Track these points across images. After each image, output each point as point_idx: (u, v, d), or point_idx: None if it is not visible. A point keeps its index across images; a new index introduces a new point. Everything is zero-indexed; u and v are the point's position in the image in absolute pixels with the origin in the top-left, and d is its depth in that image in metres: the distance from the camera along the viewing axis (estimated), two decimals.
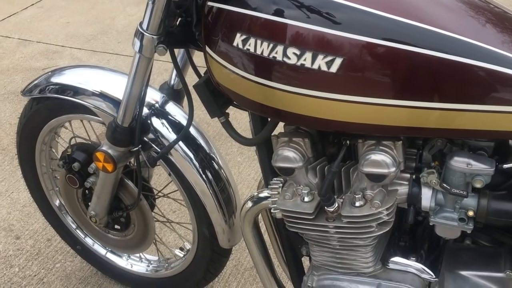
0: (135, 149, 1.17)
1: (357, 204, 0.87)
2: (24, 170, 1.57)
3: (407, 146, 0.90)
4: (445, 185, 0.84)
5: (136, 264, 1.58)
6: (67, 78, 1.31)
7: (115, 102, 1.22)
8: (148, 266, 1.57)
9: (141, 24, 1.00)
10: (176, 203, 1.86)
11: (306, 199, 0.91)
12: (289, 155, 0.90)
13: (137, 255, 1.59)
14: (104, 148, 1.19)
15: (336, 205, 0.89)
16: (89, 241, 1.62)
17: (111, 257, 1.61)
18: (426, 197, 0.87)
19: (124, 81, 1.20)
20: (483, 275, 0.93)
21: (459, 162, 0.83)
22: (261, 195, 1.02)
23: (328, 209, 0.89)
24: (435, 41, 0.75)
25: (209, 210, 1.26)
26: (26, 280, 1.68)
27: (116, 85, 1.25)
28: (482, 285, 0.93)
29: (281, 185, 0.96)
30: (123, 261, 1.59)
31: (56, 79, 1.32)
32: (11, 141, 2.33)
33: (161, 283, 1.53)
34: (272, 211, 0.97)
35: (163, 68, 2.78)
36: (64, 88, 1.29)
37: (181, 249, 1.50)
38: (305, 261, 1.11)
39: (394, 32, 0.75)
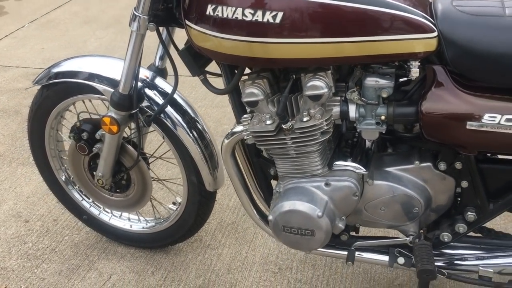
0: (134, 111, 1.49)
1: (305, 119, 1.22)
2: (35, 153, 1.85)
3: (338, 80, 1.26)
4: (363, 98, 1.21)
5: (135, 224, 1.88)
6: (70, 65, 1.63)
7: (112, 80, 1.54)
8: (146, 224, 1.87)
9: (135, 9, 1.33)
10: (173, 182, 2.18)
11: (268, 122, 1.26)
12: (253, 91, 1.25)
13: (136, 217, 1.90)
14: (109, 113, 1.50)
15: (290, 123, 1.24)
16: (94, 210, 1.91)
17: (114, 221, 1.91)
18: (352, 111, 1.24)
19: (115, 63, 1.56)
20: (400, 167, 1.30)
21: (370, 81, 1.19)
22: (234, 130, 1.36)
23: (284, 126, 1.24)
24: None
25: (196, 159, 1.58)
26: (40, 251, 1.94)
27: (111, 67, 1.58)
28: (399, 174, 1.30)
29: (249, 118, 1.31)
30: (124, 223, 1.89)
31: (61, 68, 1.63)
32: (6, 149, 2.59)
33: (159, 235, 1.83)
34: (245, 137, 1.31)
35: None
36: (70, 74, 1.61)
37: (174, 203, 1.81)
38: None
39: None
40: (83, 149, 1.63)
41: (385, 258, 1.40)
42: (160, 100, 1.54)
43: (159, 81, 1.59)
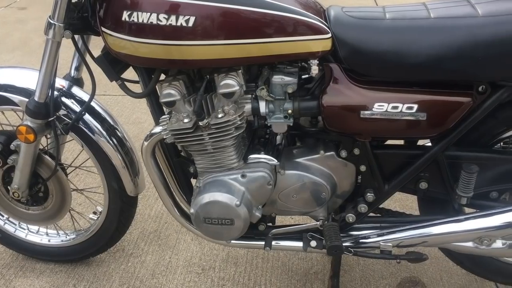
0: (51, 119, 1.51)
1: (220, 115, 1.33)
2: None
3: (248, 81, 1.38)
4: (271, 95, 1.34)
5: (54, 238, 1.86)
6: None
7: (27, 90, 1.56)
8: (66, 236, 1.85)
9: (50, 17, 1.37)
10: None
11: (186, 120, 1.34)
12: (170, 92, 1.33)
13: (54, 231, 1.87)
14: (25, 122, 1.51)
15: (206, 120, 1.33)
16: (8, 228, 1.86)
17: (31, 237, 1.87)
18: (262, 107, 1.36)
19: (28, 73, 1.58)
20: (307, 158, 1.44)
21: (277, 78, 1.33)
22: (153, 131, 1.43)
23: (201, 123, 1.33)
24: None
25: (117, 166, 1.61)
26: None
27: (24, 77, 1.59)
28: (307, 164, 1.44)
29: (168, 118, 1.38)
30: (42, 238, 1.86)
31: None
32: None
33: (80, 247, 1.82)
34: (164, 137, 1.39)
35: None
36: None
37: (94, 213, 1.82)
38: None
39: None
40: None
41: (300, 244, 1.53)
42: (77, 108, 1.57)
43: (75, 90, 1.62)
